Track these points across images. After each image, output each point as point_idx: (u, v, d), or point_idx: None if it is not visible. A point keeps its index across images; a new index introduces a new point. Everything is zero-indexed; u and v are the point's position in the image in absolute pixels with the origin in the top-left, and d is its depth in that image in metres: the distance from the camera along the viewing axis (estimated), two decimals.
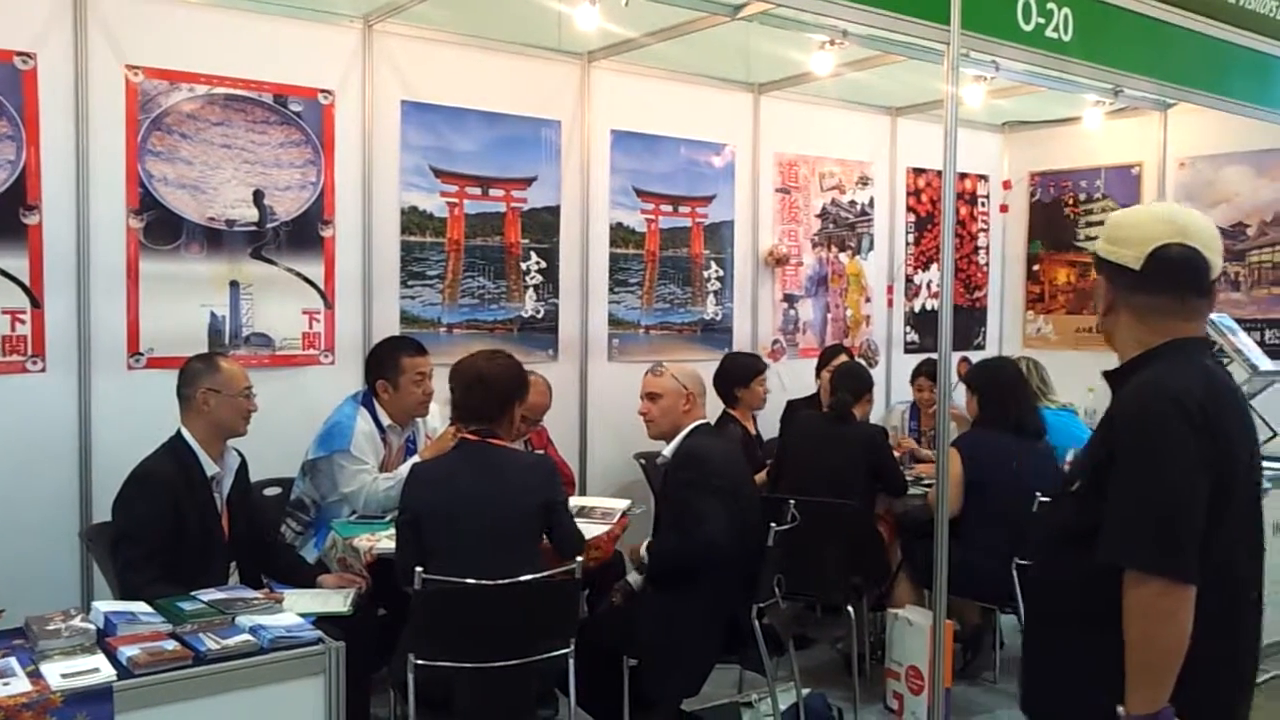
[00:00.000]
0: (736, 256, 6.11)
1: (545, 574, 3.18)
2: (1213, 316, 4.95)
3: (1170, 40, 4.57)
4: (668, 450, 3.81)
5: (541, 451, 4.50)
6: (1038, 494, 4.34)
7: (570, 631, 3.19)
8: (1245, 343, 4.97)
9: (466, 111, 5.04)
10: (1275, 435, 4.98)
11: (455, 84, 5.00)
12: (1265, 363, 4.91)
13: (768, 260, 6.22)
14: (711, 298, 6.01)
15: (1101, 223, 7.01)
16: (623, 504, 4.17)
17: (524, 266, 5.27)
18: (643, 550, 3.72)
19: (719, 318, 6.05)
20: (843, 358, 5.69)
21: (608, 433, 5.45)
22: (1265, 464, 5.05)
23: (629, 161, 5.61)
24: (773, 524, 3.68)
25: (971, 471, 4.52)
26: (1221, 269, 2.02)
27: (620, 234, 5.63)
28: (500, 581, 3.08)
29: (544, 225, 5.33)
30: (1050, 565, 2.09)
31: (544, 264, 5.33)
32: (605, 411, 5.46)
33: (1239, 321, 5.30)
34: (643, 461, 5.21)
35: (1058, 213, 7.30)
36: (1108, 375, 2.07)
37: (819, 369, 5.75)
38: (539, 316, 5.33)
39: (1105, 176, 7.05)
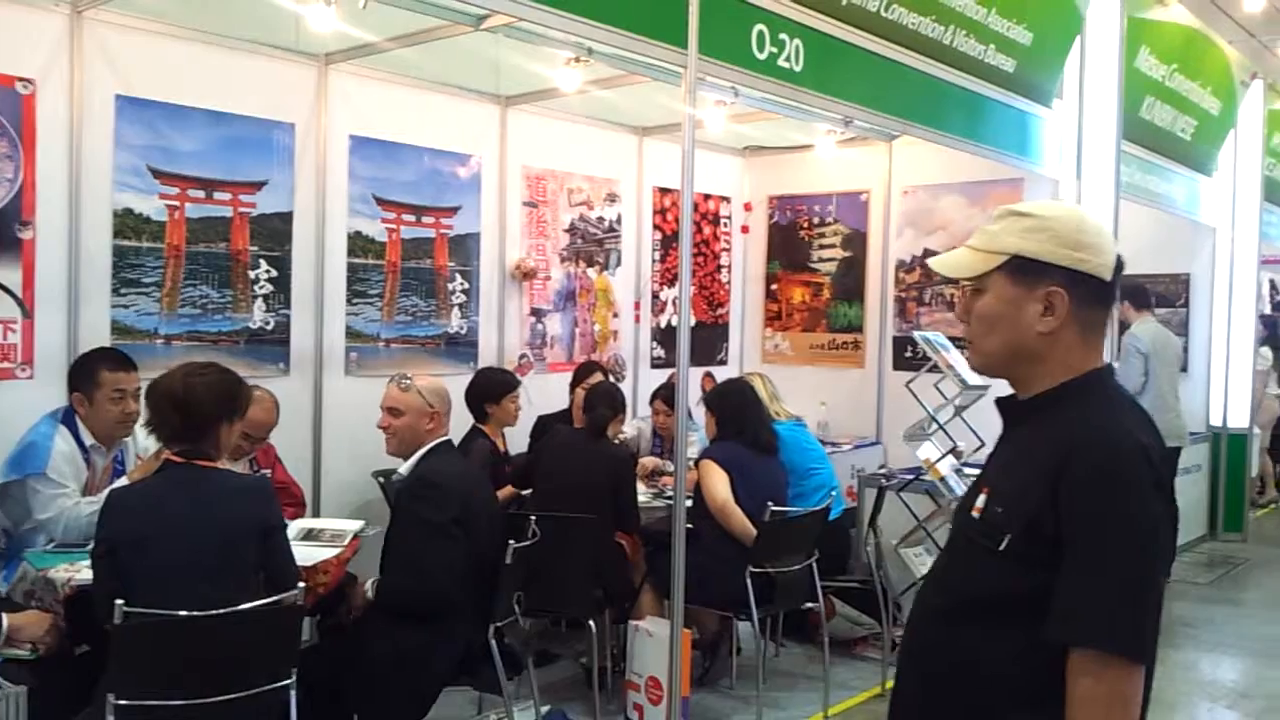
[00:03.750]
0: (483, 269, 6.03)
1: (263, 602, 3.00)
2: (927, 334, 5.31)
3: (894, 76, 4.87)
4: (404, 468, 3.69)
5: (267, 472, 4.26)
6: (769, 503, 4.53)
7: (291, 661, 3.02)
8: (956, 359, 5.33)
9: (189, 109, 4.72)
10: (982, 445, 5.38)
11: (177, 79, 4.68)
12: (974, 378, 5.27)
13: (515, 274, 6.18)
14: (456, 310, 5.90)
15: (833, 245, 7.51)
16: (355, 525, 3.99)
17: (252, 275, 4.99)
18: (367, 587, 3.59)
19: (464, 331, 5.95)
20: (598, 375, 5.73)
21: (344, 450, 5.23)
22: (974, 471, 5.47)
23: (369, 169, 5.43)
24: (511, 541, 3.63)
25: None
26: None
27: (359, 243, 5.42)
28: (211, 612, 2.87)
29: (275, 232, 5.06)
30: (962, 636, 1.71)
31: (275, 273, 5.06)
32: (342, 428, 5.24)
33: (952, 340, 5.69)
34: (381, 480, 5.03)
35: (794, 235, 7.64)
36: (1016, 405, 1.78)
37: (573, 385, 5.76)
38: (269, 328, 5.06)
39: (837, 202, 7.43)
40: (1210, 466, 8.53)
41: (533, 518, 3.90)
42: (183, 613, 2.84)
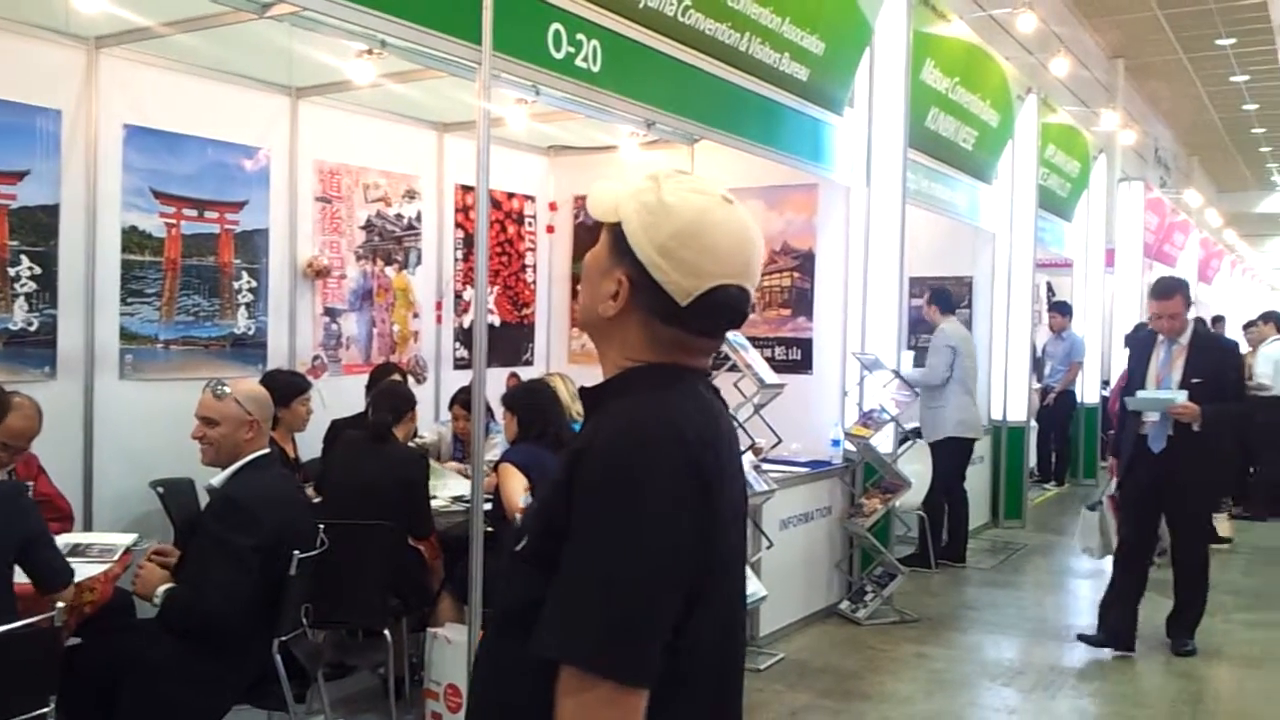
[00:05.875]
0: (272, 267, 5.76)
1: (10, 626, 2.76)
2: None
3: (692, 80, 4.92)
4: (218, 480, 3.49)
5: (30, 484, 3.95)
6: None
7: (50, 688, 2.81)
8: (754, 358, 5.46)
9: None
10: (780, 441, 5.53)
11: None
12: (771, 376, 5.42)
13: (307, 272, 5.95)
14: (243, 310, 5.62)
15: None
16: (127, 539, 3.76)
17: (13, 272, 4.60)
18: (159, 593, 3.38)
19: (252, 331, 5.67)
20: (395, 377, 5.58)
21: (119, 459, 4.91)
22: (771, 467, 5.60)
23: (146, 160, 5.10)
24: (296, 551, 3.48)
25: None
26: None
27: (135, 239, 5.08)
28: None
29: (39, 226, 4.69)
30: (495, 652, 1.52)
31: (38, 270, 4.69)
32: (116, 436, 4.92)
33: (751, 339, 5.81)
34: (160, 490, 4.75)
35: (599, 235, 7.63)
36: (588, 394, 1.57)
37: (369, 387, 5.58)
38: (31, 329, 4.68)
39: None
40: (992, 458, 9.05)
41: (321, 526, 3.76)
42: None
